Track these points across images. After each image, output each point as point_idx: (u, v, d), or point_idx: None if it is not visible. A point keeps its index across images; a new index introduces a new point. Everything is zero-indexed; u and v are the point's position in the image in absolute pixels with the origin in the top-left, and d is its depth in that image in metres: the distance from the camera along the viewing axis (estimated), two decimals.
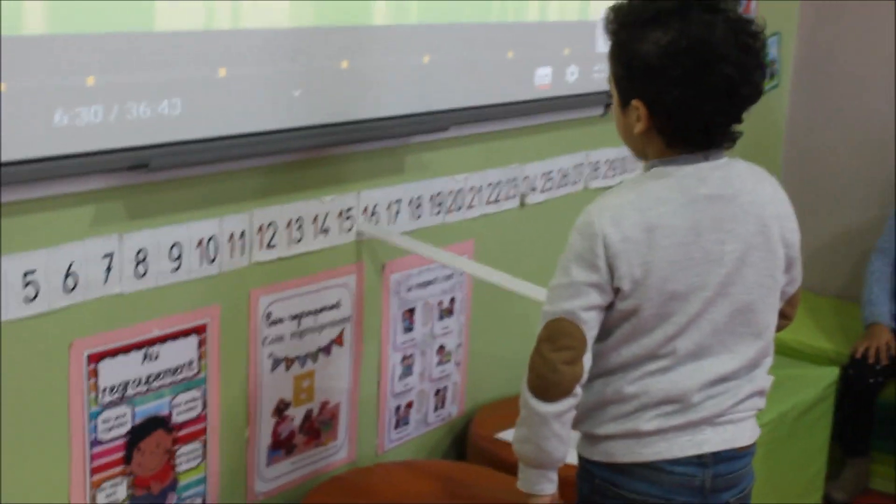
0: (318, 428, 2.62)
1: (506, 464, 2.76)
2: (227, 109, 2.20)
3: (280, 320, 2.47)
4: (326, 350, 2.60)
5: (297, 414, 2.56)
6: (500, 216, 3.02)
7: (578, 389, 1.87)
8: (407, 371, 2.85)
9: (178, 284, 2.24)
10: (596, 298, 1.86)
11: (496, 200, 3.01)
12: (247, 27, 2.19)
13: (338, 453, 2.69)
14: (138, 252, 2.15)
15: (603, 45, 3.12)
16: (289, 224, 2.44)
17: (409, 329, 2.82)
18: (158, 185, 2.16)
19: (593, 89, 3.18)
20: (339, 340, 2.63)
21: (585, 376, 1.87)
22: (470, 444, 2.95)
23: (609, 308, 1.88)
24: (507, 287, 2.60)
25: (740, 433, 1.95)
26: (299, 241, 2.47)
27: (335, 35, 2.38)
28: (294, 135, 2.34)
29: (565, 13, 3.02)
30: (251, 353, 2.42)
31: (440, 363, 2.95)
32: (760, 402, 1.98)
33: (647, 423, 1.89)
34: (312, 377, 2.58)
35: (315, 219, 2.50)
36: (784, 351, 3.83)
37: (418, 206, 2.76)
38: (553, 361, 1.86)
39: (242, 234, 2.34)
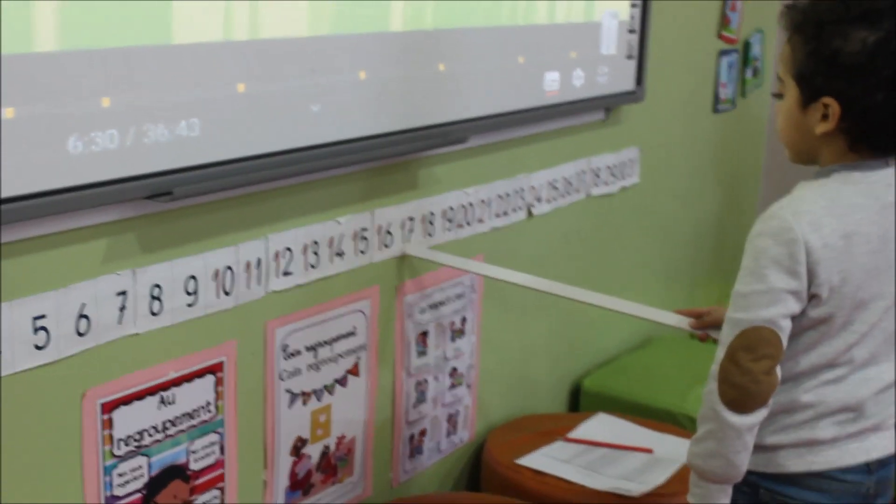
0: (334, 464, 2.44)
1: (525, 491, 2.63)
2: (247, 128, 2.01)
3: (297, 352, 2.29)
4: (342, 381, 2.42)
5: (314, 451, 2.38)
6: (508, 229, 2.87)
7: (771, 400, 1.83)
8: (421, 397, 2.68)
9: (194, 321, 2.05)
10: (794, 306, 1.82)
11: (505, 213, 2.85)
12: (265, 38, 2.00)
13: (354, 489, 2.51)
14: (153, 288, 1.95)
15: (608, 47, 3.02)
16: (305, 249, 2.26)
17: (422, 353, 2.65)
18: (173, 213, 1.97)
19: (598, 93, 3.04)
20: (354, 370, 2.45)
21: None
22: (485, 470, 2.79)
23: (798, 316, 1.84)
24: (566, 295, 2.51)
25: (892, 439, 1.97)
26: (314, 266, 2.29)
27: (353, 43, 2.20)
28: (314, 153, 2.16)
29: (571, 14, 2.86)
30: (268, 390, 2.24)
31: (452, 387, 2.78)
32: None
33: (824, 431, 1.89)
34: (329, 411, 2.40)
35: (331, 242, 2.32)
36: None
37: (430, 222, 2.59)
38: (754, 372, 1.80)
39: (259, 263, 2.15)
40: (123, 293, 1.91)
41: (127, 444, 1.96)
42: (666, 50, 3.36)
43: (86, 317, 1.85)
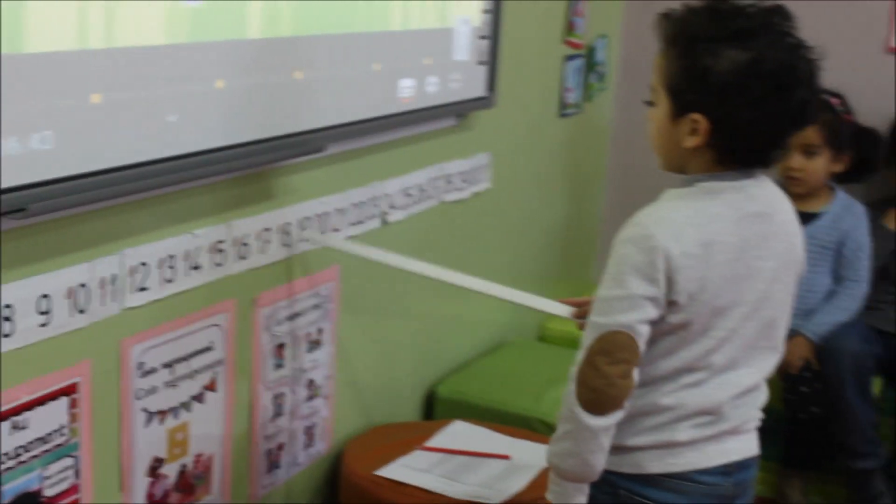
0: (192, 483, 2.37)
1: (385, 502, 2.60)
2: (103, 140, 1.93)
3: (153, 370, 2.22)
4: (200, 398, 2.36)
5: (171, 471, 2.31)
6: (363, 238, 2.83)
7: (627, 402, 1.87)
8: (278, 411, 2.63)
9: (47, 341, 1.97)
10: (652, 312, 1.85)
11: (360, 222, 2.81)
12: (120, 46, 1.92)
13: None
14: (4, 309, 1.86)
15: (461, 53, 3.01)
16: (161, 263, 2.19)
17: (279, 365, 2.60)
18: (25, 230, 1.88)
19: (451, 99, 3.02)
20: (211, 386, 2.39)
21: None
22: (344, 482, 2.75)
23: (657, 322, 1.87)
24: (468, 286, 2.54)
25: (754, 442, 2.03)
26: (171, 281, 2.22)
27: (210, 51, 2.14)
28: (172, 165, 2.09)
29: (425, 20, 2.85)
30: (124, 410, 2.16)
31: (309, 399, 2.74)
32: (761, 414, 2.04)
33: (683, 433, 1.92)
34: (186, 429, 2.33)
35: (187, 255, 2.25)
36: None
37: (287, 232, 2.54)
38: (610, 375, 1.84)
39: (114, 279, 2.08)
40: None
41: None
42: (515, 55, 3.37)
43: None
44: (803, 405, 3.56)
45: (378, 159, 2.85)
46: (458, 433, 2.95)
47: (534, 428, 3.11)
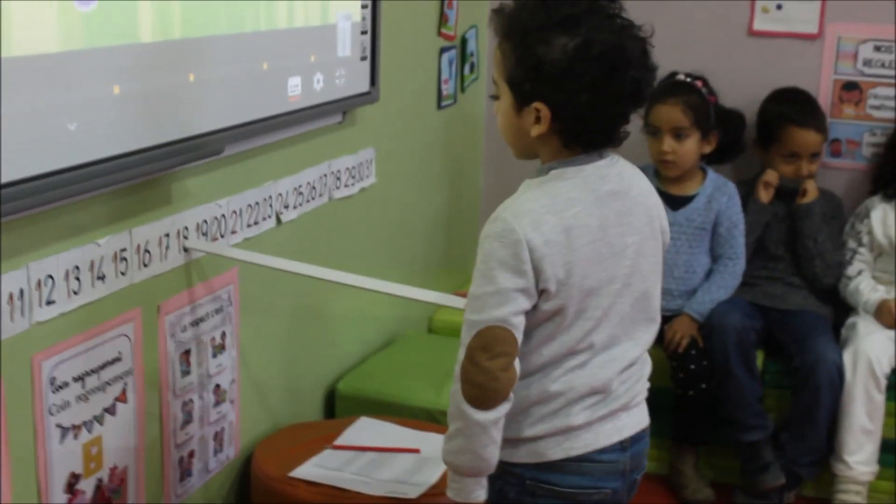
0: (108, 497, 2.33)
1: (297, 503, 2.59)
2: (4, 152, 1.88)
3: (65, 384, 2.17)
4: (111, 410, 2.32)
5: (88, 486, 2.26)
6: (259, 239, 2.81)
7: (512, 394, 1.90)
8: (187, 418, 2.59)
9: None
10: (524, 303, 1.89)
11: (255, 223, 2.79)
12: (14, 55, 1.88)
13: None
14: None
15: (344, 49, 3.01)
16: (66, 275, 2.14)
17: (186, 372, 2.57)
18: None
19: (337, 96, 3.02)
20: (122, 397, 2.35)
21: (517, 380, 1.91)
22: (257, 486, 2.74)
23: (531, 311, 1.90)
24: (373, 288, 2.57)
25: (644, 414, 2.08)
26: (77, 292, 2.17)
27: (105, 57, 2.10)
28: (74, 175, 2.05)
29: (309, 17, 2.84)
30: (38, 427, 2.11)
31: (216, 404, 2.71)
32: (647, 384, 2.10)
33: (577, 416, 1.96)
34: (100, 442, 2.29)
35: (92, 265, 2.21)
36: None
37: (186, 237, 2.51)
38: (492, 370, 1.87)
39: (22, 294, 2.03)
40: None
41: None
42: (394, 49, 3.38)
43: None
44: (691, 382, 3.67)
45: (270, 159, 2.84)
46: (365, 429, 2.96)
47: (437, 420, 3.13)
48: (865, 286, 3.83)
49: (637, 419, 2.06)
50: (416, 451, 2.83)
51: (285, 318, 3.01)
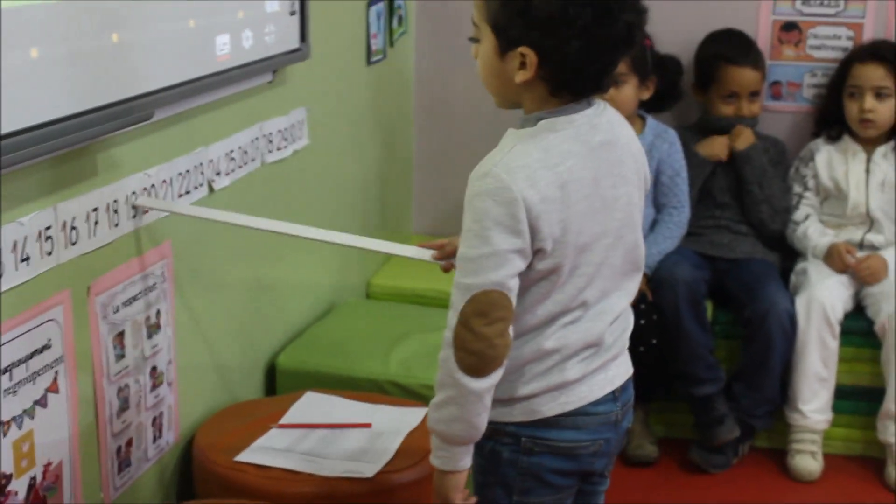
0: (43, 496, 2.15)
1: (250, 489, 2.46)
2: None
3: None
4: (42, 401, 2.14)
5: (20, 486, 2.08)
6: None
7: (506, 360, 1.85)
8: (124, 405, 2.42)
9: None
10: (520, 264, 1.82)
11: (187, 192, 2.61)
12: None
13: None
14: None
15: (272, 4, 2.83)
16: None
17: (121, 356, 2.39)
18: None
19: (266, 54, 2.84)
20: (53, 387, 2.17)
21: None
22: (200, 472, 2.58)
23: (525, 271, 1.83)
24: (326, 239, 2.47)
25: (629, 363, 2.05)
26: (0, 276, 1.99)
27: (21, 17, 1.90)
28: None
29: None
30: None
31: (154, 387, 2.53)
32: (629, 333, 2.05)
33: (571, 371, 1.91)
34: (32, 438, 2.11)
35: (15, 246, 2.02)
36: None
37: (115, 210, 2.33)
38: (489, 336, 1.81)
39: None
40: None
41: None
42: (321, 4, 3.20)
43: None
44: (641, 338, 3.54)
45: (199, 123, 2.65)
46: (312, 405, 2.80)
47: (386, 391, 3.00)
48: (814, 231, 3.75)
49: (624, 368, 2.03)
50: (367, 425, 2.68)
51: (220, 292, 2.84)
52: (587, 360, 1.94)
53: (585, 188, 1.85)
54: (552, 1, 1.77)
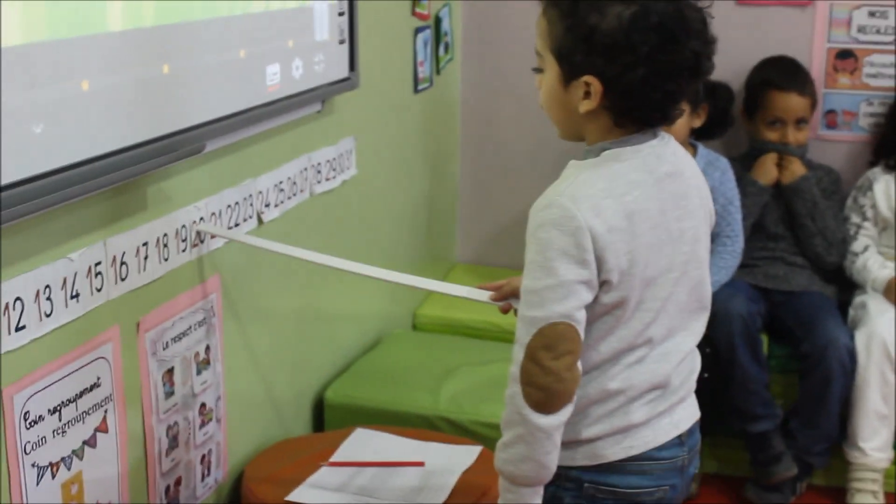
0: None
1: None
2: None
3: (40, 418, 1.93)
4: (91, 441, 2.08)
5: None
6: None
7: (576, 395, 1.79)
8: (173, 443, 2.36)
9: None
10: (587, 296, 1.76)
11: (237, 224, 2.56)
12: None
13: None
14: None
15: (322, 33, 2.78)
16: (37, 296, 1.90)
17: (170, 393, 2.34)
18: None
19: (316, 83, 2.79)
20: (103, 426, 2.11)
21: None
22: None
23: (590, 304, 1.77)
24: (385, 278, 2.38)
25: (696, 406, 1.97)
26: (49, 314, 1.94)
27: (73, 49, 1.86)
28: (43, 184, 1.81)
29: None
30: (12, 469, 1.87)
31: (203, 424, 2.48)
32: (696, 375, 1.98)
33: (637, 413, 1.85)
34: (80, 479, 2.05)
35: (64, 283, 1.97)
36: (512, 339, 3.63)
37: (165, 245, 2.27)
38: (557, 370, 1.75)
39: None
40: None
41: None
42: (370, 32, 3.15)
43: None
44: None
45: (248, 154, 2.60)
46: (362, 442, 2.73)
47: (437, 427, 2.93)
48: (874, 263, 3.65)
49: (691, 411, 1.96)
50: (420, 464, 2.61)
51: (267, 326, 2.78)
52: (653, 402, 1.87)
53: (652, 219, 1.80)
54: (617, 27, 1.73)
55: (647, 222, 1.79)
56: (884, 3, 3.80)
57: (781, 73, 3.79)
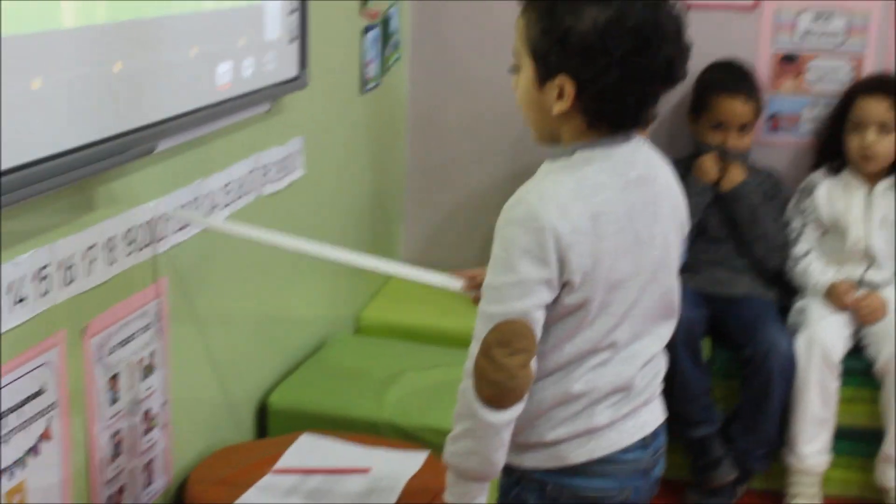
0: None
1: None
2: None
3: None
4: (35, 450, 2.03)
5: None
6: (189, 244, 2.52)
7: (526, 395, 1.80)
8: (116, 450, 2.31)
9: None
10: (546, 296, 1.77)
11: (185, 226, 2.50)
12: None
13: None
14: None
15: (273, 31, 2.74)
16: None
17: (115, 400, 2.28)
18: None
19: (267, 82, 2.74)
20: (47, 434, 2.05)
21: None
22: None
23: (552, 305, 1.79)
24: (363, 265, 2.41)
25: (660, 409, 1.99)
26: None
27: (23, 46, 1.80)
28: None
29: None
30: None
31: (147, 431, 2.42)
32: (661, 378, 2.00)
33: (600, 416, 1.86)
34: (23, 489, 2.00)
35: (11, 287, 1.91)
36: (456, 342, 3.60)
37: (113, 248, 2.22)
38: (510, 367, 1.76)
39: None
40: None
41: None
42: (318, 30, 3.10)
43: None
44: None
45: (197, 154, 2.55)
46: (308, 448, 2.69)
47: (382, 432, 2.89)
48: (815, 267, 3.67)
49: (656, 414, 1.98)
50: (366, 470, 2.58)
51: (212, 329, 2.72)
52: (616, 405, 1.88)
53: (619, 222, 1.80)
54: (591, 30, 1.74)
55: (613, 225, 1.79)
56: (828, 7, 3.82)
57: (728, 77, 3.80)
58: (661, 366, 1.98)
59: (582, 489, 1.90)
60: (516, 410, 1.80)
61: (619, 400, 1.88)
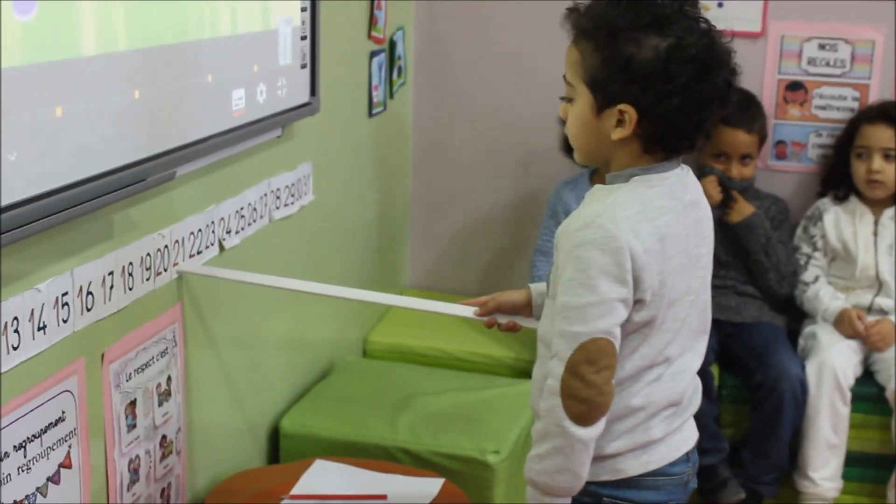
0: None
1: None
2: None
3: (5, 455, 1.87)
4: (55, 478, 2.02)
5: None
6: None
7: None
8: (134, 477, 2.30)
9: None
10: (623, 313, 1.84)
11: (199, 252, 2.51)
12: None
13: None
14: None
15: (285, 56, 2.74)
16: (4, 328, 1.84)
17: (132, 426, 2.27)
18: None
19: (279, 108, 2.74)
20: (67, 462, 2.05)
21: None
22: None
23: (624, 321, 1.85)
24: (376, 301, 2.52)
25: (695, 425, 2.06)
26: (16, 347, 1.87)
27: (46, 74, 1.80)
28: (15, 214, 1.75)
29: (252, 23, 2.56)
30: None
31: (163, 457, 2.41)
32: None
33: (655, 430, 1.93)
34: None
35: (32, 314, 1.91)
36: (464, 366, 3.60)
37: (130, 274, 2.22)
38: (599, 384, 1.83)
39: None
40: None
41: None
42: (330, 56, 3.11)
43: None
44: None
45: (211, 180, 2.55)
46: (322, 475, 2.68)
47: (395, 457, 2.89)
48: (825, 294, 3.67)
49: (694, 429, 2.05)
50: (382, 497, 2.57)
51: (226, 354, 2.72)
52: (669, 418, 1.95)
53: (679, 244, 1.88)
54: (654, 58, 1.81)
55: (676, 246, 1.87)
56: (834, 36, 3.83)
57: (732, 108, 3.78)
58: (699, 383, 2.03)
59: (634, 501, 1.95)
60: (601, 426, 1.86)
61: (671, 414, 1.95)
